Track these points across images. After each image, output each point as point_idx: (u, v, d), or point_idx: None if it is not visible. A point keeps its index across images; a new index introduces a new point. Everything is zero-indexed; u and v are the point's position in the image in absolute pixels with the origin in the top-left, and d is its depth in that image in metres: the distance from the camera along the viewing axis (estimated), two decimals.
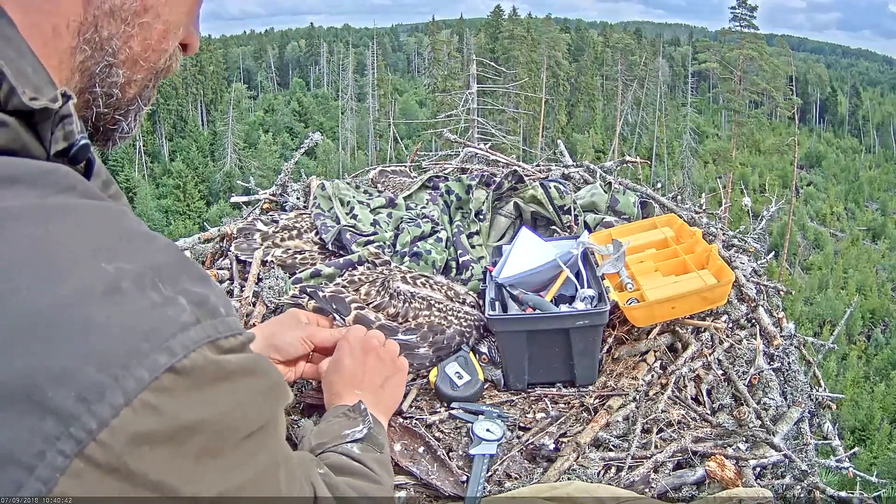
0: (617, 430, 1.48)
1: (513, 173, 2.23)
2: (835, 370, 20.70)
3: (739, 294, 1.92)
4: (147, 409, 0.45)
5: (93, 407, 0.43)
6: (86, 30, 0.60)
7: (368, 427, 1.07)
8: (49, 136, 0.55)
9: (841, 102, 55.55)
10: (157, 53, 0.66)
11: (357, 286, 1.67)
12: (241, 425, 0.53)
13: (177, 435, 0.47)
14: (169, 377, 0.46)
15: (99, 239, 0.48)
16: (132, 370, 0.45)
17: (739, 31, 33.59)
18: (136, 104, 0.68)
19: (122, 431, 0.44)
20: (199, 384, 0.48)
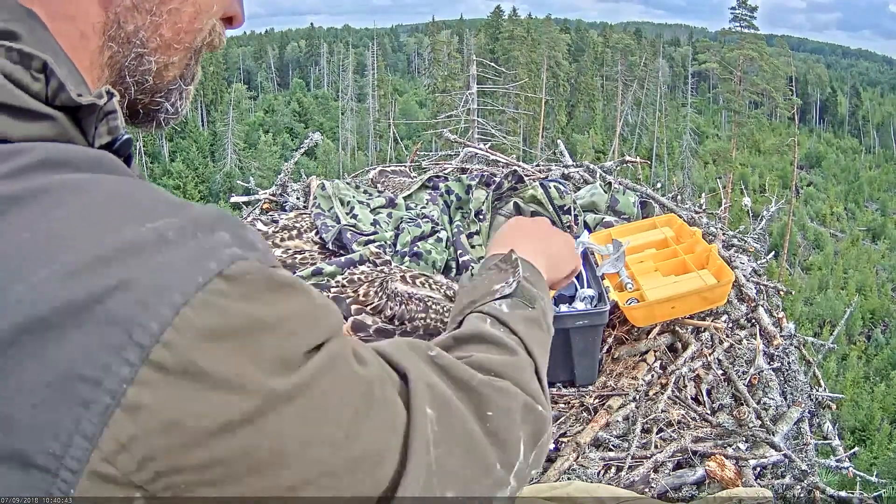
0: (617, 430, 1.48)
1: (513, 173, 2.23)
2: (835, 370, 20.68)
3: (739, 294, 1.92)
4: (206, 307, 0.45)
5: (152, 309, 0.43)
6: (109, 28, 0.60)
7: (518, 280, 0.94)
8: (93, 131, 0.56)
9: (841, 103, 55.53)
10: (190, 35, 0.66)
11: (356, 286, 1.67)
12: (306, 333, 0.52)
13: (241, 332, 0.47)
14: (222, 282, 0.46)
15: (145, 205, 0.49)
16: (188, 275, 0.45)
17: (739, 32, 33.58)
18: (178, 84, 0.69)
19: (185, 329, 0.44)
20: (253, 290, 0.48)
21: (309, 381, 0.50)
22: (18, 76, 0.51)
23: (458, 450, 0.65)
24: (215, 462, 0.45)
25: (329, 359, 0.53)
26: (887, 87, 57.81)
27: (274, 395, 0.47)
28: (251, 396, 0.46)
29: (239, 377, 0.46)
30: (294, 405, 0.49)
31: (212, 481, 0.45)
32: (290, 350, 0.50)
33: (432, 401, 0.64)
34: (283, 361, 0.49)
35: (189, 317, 0.44)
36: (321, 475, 0.51)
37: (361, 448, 0.54)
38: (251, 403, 0.46)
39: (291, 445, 0.49)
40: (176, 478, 0.44)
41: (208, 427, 0.44)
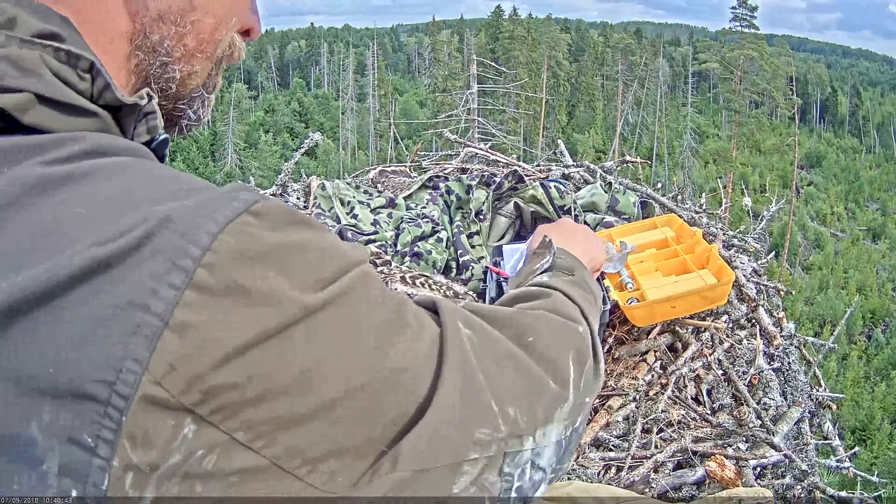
0: (617, 430, 1.48)
1: (513, 173, 2.23)
2: (835, 370, 20.68)
3: (739, 294, 1.92)
4: (241, 233, 0.49)
5: (192, 238, 0.47)
6: (136, 37, 0.63)
7: (553, 253, 0.98)
8: (132, 130, 0.61)
9: (841, 102, 55.54)
10: (211, 45, 0.69)
11: None
12: (334, 257, 0.54)
13: (274, 252, 0.50)
14: (249, 216, 0.50)
15: (183, 182, 0.53)
16: (219, 211, 0.49)
17: (740, 32, 33.57)
18: (200, 93, 0.72)
19: (223, 252, 0.47)
20: (278, 222, 0.52)
21: (341, 294, 0.53)
22: (65, 75, 0.54)
23: (505, 363, 0.65)
24: (257, 376, 0.47)
25: (359, 276, 0.56)
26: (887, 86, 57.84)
27: (308, 306, 0.50)
28: (286, 308, 0.49)
29: (275, 292, 0.49)
30: (327, 315, 0.51)
31: (256, 398, 0.48)
32: (320, 270, 0.53)
33: (465, 321, 0.65)
34: (315, 279, 0.52)
35: (226, 241, 0.48)
36: (361, 388, 0.52)
37: (397, 361, 0.56)
38: (287, 314, 0.49)
39: (329, 355, 0.51)
40: (223, 397, 0.46)
41: (249, 339, 0.47)
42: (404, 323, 0.59)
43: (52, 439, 0.43)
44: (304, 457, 0.50)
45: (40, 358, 0.44)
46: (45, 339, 0.44)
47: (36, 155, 0.50)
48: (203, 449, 0.46)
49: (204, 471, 0.46)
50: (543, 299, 0.84)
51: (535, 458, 0.65)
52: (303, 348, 0.50)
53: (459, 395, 0.58)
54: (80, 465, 0.43)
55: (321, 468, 0.51)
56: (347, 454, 0.52)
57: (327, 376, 0.51)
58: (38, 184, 0.48)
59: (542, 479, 0.67)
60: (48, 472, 0.43)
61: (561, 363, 0.71)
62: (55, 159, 0.50)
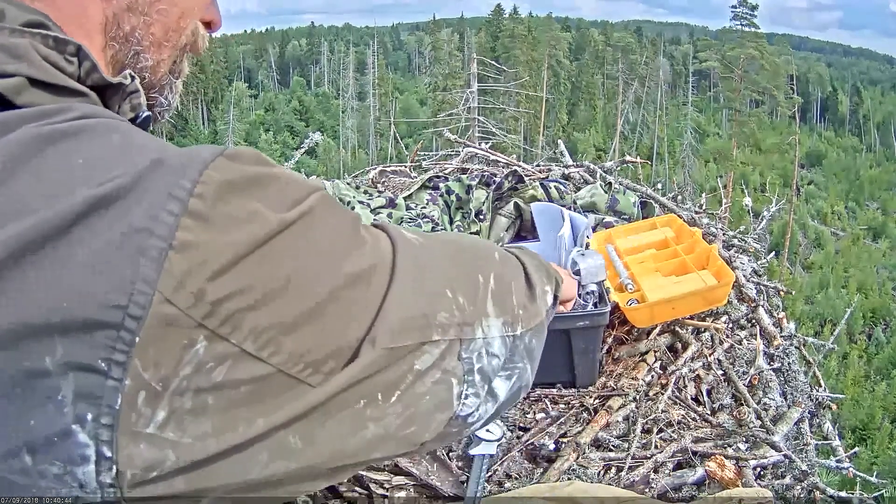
0: (617, 431, 1.48)
1: (513, 173, 2.23)
2: (835, 369, 20.67)
3: (739, 294, 1.92)
4: (223, 168, 0.53)
5: (183, 173, 0.51)
6: (110, 28, 0.68)
7: None
8: (116, 110, 0.65)
9: (842, 101, 55.48)
10: (177, 33, 0.74)
11: None
12: (301, 183, 0.60)
13: (252, 181, 0.55)
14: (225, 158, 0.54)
15: (162, 142, 0.57)
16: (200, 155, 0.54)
17: (740, 30, 33.55)
18: (168, 79, 0.77)
19: (211, 182, 0.52)
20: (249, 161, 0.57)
21: (309, 211, 0.58)
22: (54, 59, 0.59)
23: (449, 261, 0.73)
24: (256, 281, 0.52)
25: (321, 197, 0.61)
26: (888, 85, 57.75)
27: (285, 220, 0.55)
28: (268, 223, 0.54)
29: (258, 211, 0.54)
30: (301, 226, 0.56)
31: (256, 304, 0.52)
32: (289, 194, 0.58)
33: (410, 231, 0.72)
34: (287, 201, 0.57)
35: (211, 175, 0.52)
36: (344, 286, 0.58)
37: (368, 260, 0.61)
38: (269, 228, 0.54)
39: (310, 259, 0.56)
40: (228, 305, 0.50)
41: (241, 251, 0.51)
42: (364, 229, 0.65)
43: (66, 369, 0.46)
44: (306, 359, 0.54)
45: (50, 295, 0.46)
46: (54, 277, 0.47)
47: (32, 121, 0.53)
48: (213, 362, 0.50)
49: (214, 383, 0.50)
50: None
51: (486, 346, 0.72)
52: (287, 254, 0.54)
53: (413, 280, 0.64)
54: (93, 388, 0.46)
55: (322, 369, 0.56)
56: (342, 354, 0.57)
57: (312, 278, 0.56)
58: (36, 140, 0.51)
59: (499, 364, 0.74)
60: (63, 399, 0.46)
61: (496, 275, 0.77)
62: (51, 122, 0.53)
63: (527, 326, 0.80)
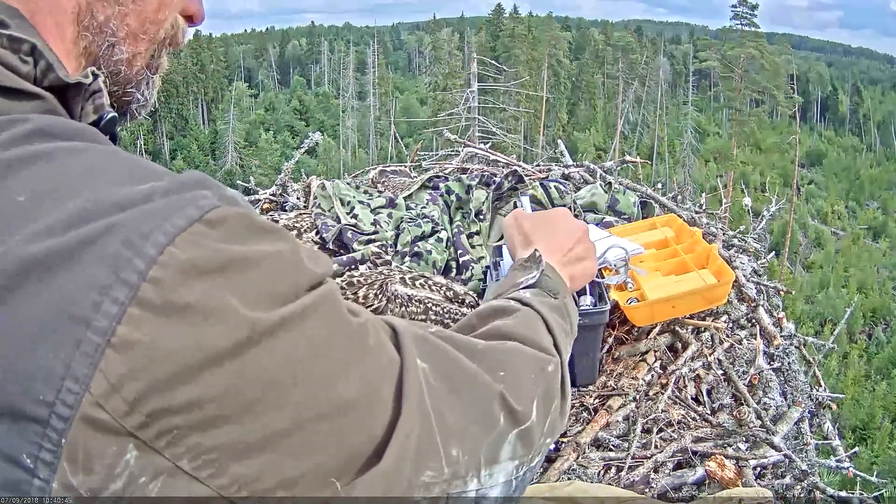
0: (617, 430, 1.48)
1: (513, 173, 2.23)
2: (836, 369, 20.67)
3: (739, 294, 1.92)
4: (191, 245, 0.45)
5: (138, 249, 0.44)
6: (83, 18, 0.63)
7: (541, 271, 0.94)
8: (79, 111, 0.60)
9: (842, 101, 55.44)
10: (155, 26, 0.69)
11: (356, 288, 1.67)
12: (293, 272, 0.51)
13: (225, 266, 0.47)
14: (202, 226, 0.47)
15: (134, 170, 0.51)
16: (170, 219, 0.46)
17: (740, 30, 33.50)
18: (146, 75, 0.72)
19: (170, 265, 0.44)
20: (234, 233, 0.49)
21: (296, 316, 0.50)
22: (8, 59, 0.54)
23: (458, 400, 0.63)
24: (204, 399, 0.45)
25: (319, 297, 0.53)
26: (888, 85, 57.70)
27: (260, 327, 0.47)
28: (237, 328, 0.46)
29: (224, 310, 0.46)
30: (281, 338, 0.48)
31: (202, 423, 0.45)
32: (276, 286, 0.50)
33: (423, 354, 0.62)
34: (269, 296, 0.49)
35: (174, 253, 0.45)
36: (315, 418, 0.50)
37: (355, 391, 0.53)
38: (237, 335, 0.46)
39: (281, 381, 0.48)
40: (167, 421, 0.44)
41: (196, 360, 0.44)
42: (364, 351, 0.56)
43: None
44: (251, 488, 0.47)
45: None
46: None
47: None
48: (146, 476, 0.44)
49: (147, 498, 0.44)
50: (519, 318, 0.81)
51: (480, 498, 0.63)
52: (253, 373, 0.47)
53: (416, 438, 0.57)
54: (20, 484, 0.42)
55: (269, 500, 0.48)
56: (297, 486, 0.50)
57: (279, 404, 0.48)
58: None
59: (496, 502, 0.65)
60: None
61: (524, 404, 0.69)
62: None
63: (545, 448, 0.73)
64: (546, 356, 0.78)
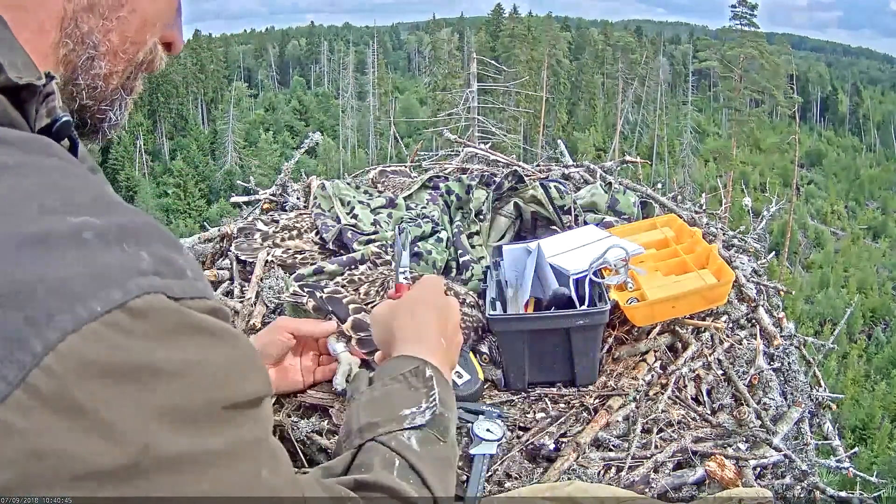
0: (617, 430, 1.48)
1: (513, 173, 2.23)
2: (835, 369, 20.69)
3: (739, 294, 1.92)
4: (98, 339, 0.41)
5: (40, 330, 0.40)
6: (67, 24, 0.63)
7: (432, 410, 0.81)
8: (34, 114, 0.57)
9: (842, 101, 55.47)
10: (135, 46, 0.69)
11: (357, 285, 1.67)
12: (216, 390, 0.46)
13: (132, 373, 0.42)
14: (122, 315, 0.42)
15: (72, 195, 0.47)
16: (86, 301, 0.41)
17: (740, 30, 33.52)
18: (120, 95, 0.71)
19: (69, 357, 0.40)
20: (160, 330, 0.43)
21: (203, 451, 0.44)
22: None
23: None
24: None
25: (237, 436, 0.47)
26: (888, 85, 57.74)
27: (155, 456, 0.42)
28: (127, 450, 0.41)
29: (118, 423, 0.41)
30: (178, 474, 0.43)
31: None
32: (188, 402, 0.44)
33: None
34: (177, 414, 0.43)
35: (76, 345, 0.40)
36: None
37: None
38: (126, 458, 0.41)
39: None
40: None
41: (75, 470, 0.40)
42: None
43: None
44: None
45: None
46: None
47: None
48: None
49: None
50: None
51: None
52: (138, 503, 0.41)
53: None
54: None
55: None
56: None
57: None
58: None
59: None
60: None
61: None
62: None
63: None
64: None
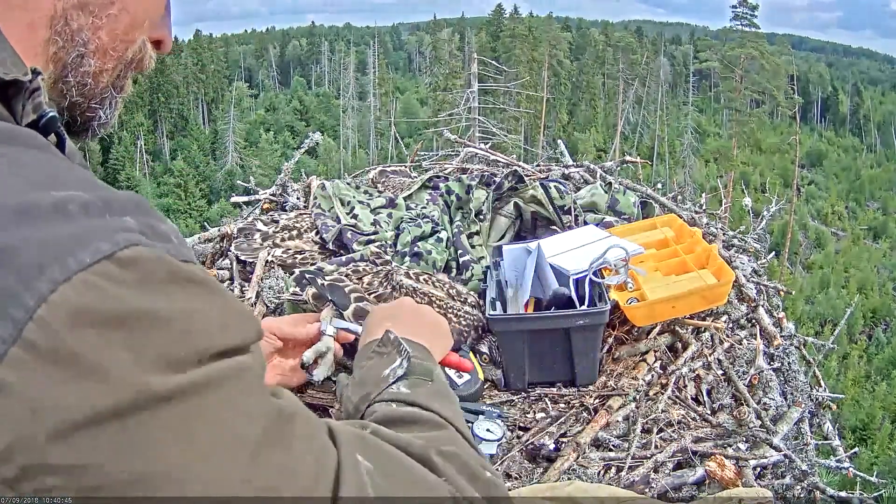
0: (617, 430, 1.48)
1: (513, 173, 2.23)
2: (836, 369, 20.69)
3: (739, 294, 1.92)
4: (89, 288, 0.42)
5: (31, 283, 0.41)
6: (57, 22, 0.63)
7: (407, 357, 0.86)
8: (20, 110, 0.57)
9: (842, 101, 55.45)
10: (124, 44, 0.69)
11: (361, 275, 1.67)
12: (207, 335, 0.47)
13: (124, 319, 0.43)
14: (111, 265, 0.43)
15: (56, 177, 0.47)
16: (74, 253, 0.42)
17: (741, 30, 33.54)
18: (110, 93, 0.71)
19: (60, 307, 0.41)
20: (148, 278, 0.44)
21: (200, 385, 0.45)
22: None
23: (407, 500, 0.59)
24: (84, 464, 0.41)
25: (232, 369, 0.47)
26: (888, 85, 57.71)
27: (151, 392, 0.42)
28: (124, 389, 0.42)
29: (113, 367, 0.42)
30: (177, 409, 0.44)
31: (82, 489, 0.41)
32: (180, 349, 0.45)
33: (365, 453, 0.58)
34: (170, 360, 0.44)
35: (68, 295, 0.41)
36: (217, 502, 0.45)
37: (271, 479, 0.47)
38: (123, 397, 0.42)
39: (172, 457, 0.43)
40: (44, 479, 0.41)
41: (75, 418, 0.41)
42: (284, 433, 0.50)
43: None
44: None
45: None
46: None
47: None
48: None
49: None
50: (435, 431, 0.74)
51: None
52: (142, 443, 0.42)
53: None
54: None
55: None
56: None
57: (176, 479, 0.43)
58: None
59: None
60: None
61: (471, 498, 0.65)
62: None
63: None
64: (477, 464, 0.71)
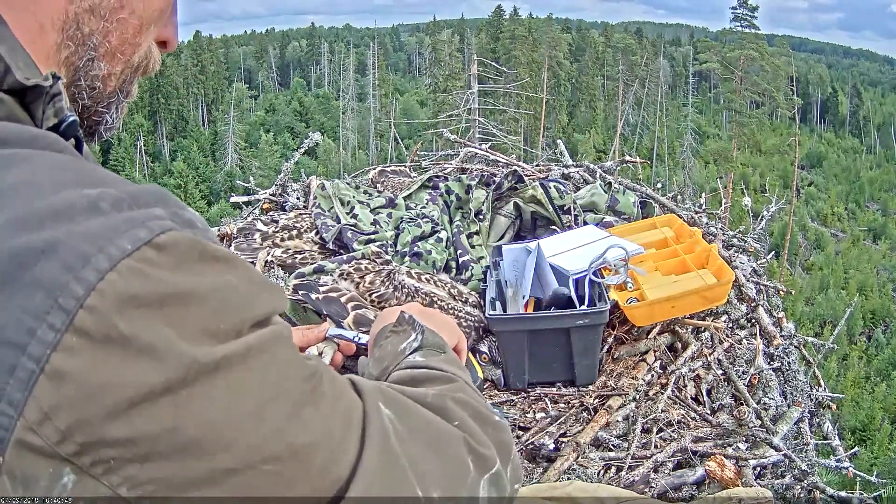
0: (617, 430, 1.48)
1: (513, 173, 2.23)
2: (835, 370, 20.66)
3: (739, 294, 1.92)
4: (133, 273, 0.44)
5: (78, 273, 0.43)
6: (69, 27, 0.63)
7: (421, 331, 0.90)
8: (41, 115, 0.58)
9: (842, 103, 55.46)
10: (132, 47, 0.69)
11: (362, 273, 1.67)
12: (242, 307, 0.50)
13: (167, 299, 0.46)
14: (150, 250, 0.46)
15: (84, 177, 0.50)
16: (115, 240, 0.45)
17: (740, 32, 33.53)
18: (117, 97, 0.71)
19: (109, 293, 0.43)
20: (183, 260, 0.47)
21: (242, 354, 0.48)
22: None
23: (430, 447, 0.62)
24: (140, 436, 0.44)
25: (269, 336, 0.51)
26: (888, 87, 57.76)
27: (199, 364, 0.46)
28: (174, 364, 0.45)
29: (162, 345, 0.45)
30: (222, 377, 0.47)
31: (138, 458, 0.44)
32: (220, 322, 0.48)
33: (387, 401, 0.61)
34: (212, 333, 0.47)
35: (114, 281, 0.44)
36: (263, 460, 0.48)
37: (311, 436, 0.51)
38: (175, 371, 0.45)
39: (223, 422, 0.47)
40: (102, 452, 0.44)
41: (130, 396, 0.43)
42: (318, 393, 0.54)
43: None
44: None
45: None
46: None
47: None
48: (84, 500, 0.44)
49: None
50: (447, 384, 0.77)
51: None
52: (191, 412, 0.46)
53: (381, 478, 0.55)
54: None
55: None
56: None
57: (225, 443, 0.47)
58: None
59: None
60: None
61: (487, 449, 0.68)
62: None
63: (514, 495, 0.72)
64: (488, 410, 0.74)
